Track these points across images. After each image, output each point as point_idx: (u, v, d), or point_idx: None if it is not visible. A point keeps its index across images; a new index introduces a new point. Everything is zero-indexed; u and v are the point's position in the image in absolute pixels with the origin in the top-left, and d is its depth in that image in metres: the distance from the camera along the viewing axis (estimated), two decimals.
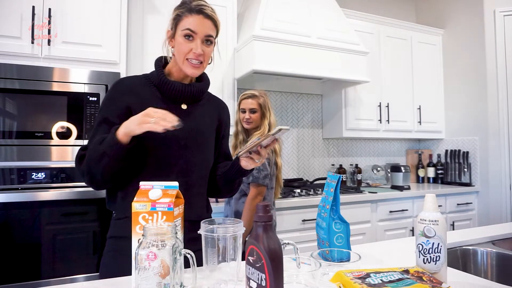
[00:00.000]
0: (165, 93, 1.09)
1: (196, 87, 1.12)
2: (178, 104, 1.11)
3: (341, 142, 3.37)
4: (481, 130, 3.13)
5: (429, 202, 0.80)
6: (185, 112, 1.11)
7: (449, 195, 3.00)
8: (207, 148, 1.16)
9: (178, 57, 1.06)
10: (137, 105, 1.04)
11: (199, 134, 1.13)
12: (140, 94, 1.07)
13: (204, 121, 1.16)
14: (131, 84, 1.09)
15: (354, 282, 0.69)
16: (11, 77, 1.74)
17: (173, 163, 1.06)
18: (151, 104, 1.02)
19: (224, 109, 1.26)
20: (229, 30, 2.52)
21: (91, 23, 1.98)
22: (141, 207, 0.72)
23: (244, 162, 1.03)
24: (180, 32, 1.04)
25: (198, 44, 1.04)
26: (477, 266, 1.21)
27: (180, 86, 1.09)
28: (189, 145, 1.09)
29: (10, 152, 1.73)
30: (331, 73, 2.57)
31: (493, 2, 3.05)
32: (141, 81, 1.11)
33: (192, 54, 1.04)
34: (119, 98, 1.06)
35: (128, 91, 1.07)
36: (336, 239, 0.95)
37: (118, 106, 1.04)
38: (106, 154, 0.93)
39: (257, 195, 1.81)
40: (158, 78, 1.09)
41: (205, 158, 1.15)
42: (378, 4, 3.61)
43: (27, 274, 1.70)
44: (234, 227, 0.75)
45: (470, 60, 3.22)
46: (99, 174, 0.97)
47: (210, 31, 1.06)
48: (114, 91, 1.08)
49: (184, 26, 1.04)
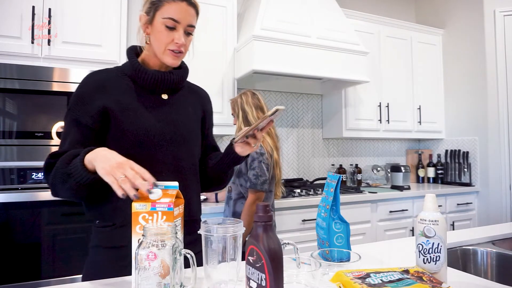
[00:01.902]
0: (142, 83, 1.00)
1: (176, 74, 1.04)
2: (157, 94, 1.02)
3: (341, 142, 3.37)
4: (481, 130, 3.13)
5: (429, 202, 0.80)
6: (167, 103, 1.03)
7: (449, 195, 3.00)
8: (195, 141, 1.08)
9: (158, 47, 0.98)
10: (114, 102, 0.95)
11: (185, 126, 1.04)
12: (114, 88, 0.98)
13: (188, 111, 1.07)
14: (102, 79, 0.99)
15: (354, 282, 0.69)
16: (11, 77, 1.74)
17: (161, 161, 0.98)
18: (128, 98, 0.96)
19: (206, 98, 1.18)
20: (229, 30, 2.52)
21: (91, 23, 1.98)
22: (141, 207, 0.72)
23: (240, 148, 0.98)
24: (161, 20, 0.95)
25: (181, 34, 0.96)
26: (477, 266, 1.21)
27: (158, 74, 1.00)
28: (176, 139, 1.01)
29: (10, 152, 1.73)
30: (331, 73, 2.57)
31: (493, 2, 3.05)
32: (113, 74, 1.01)
33: (173, 44, 0.97)
34: (90, 96, 0.95)
35: (99, 87, 0.97)
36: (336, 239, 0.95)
37: (90, 106, 0.94)
38: (71, 178, 0.83)
39: (255, 200, 1.81)
40: (133, 68, 0.99)
41: (194, 153, 1.07)
42: (378, 4, 3.61)
43: (27, 274, 1.70)
44: (234, 227, 0.75)
45: (470, 60, 3.22)
46: (64, 194, 0.89)
47: (193, 20, 0.99)
48: (84, 87, 0.97)
49: (166, 14, 0.94)
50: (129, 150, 0.92)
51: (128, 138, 0.94)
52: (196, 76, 2.37)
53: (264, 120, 0.87)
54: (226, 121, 2.42)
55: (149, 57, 1.03)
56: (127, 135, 0.94)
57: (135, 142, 0.94)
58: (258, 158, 1.82)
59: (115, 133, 0.95)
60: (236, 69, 2.52)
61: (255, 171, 1.81)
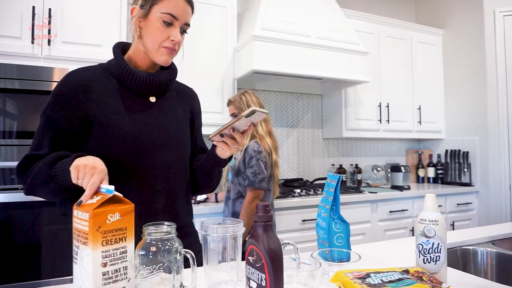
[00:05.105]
0: (129, 85, 0.94)
1: (165, 76, 0.98)
2: (144, 97, 0.97)
3: (341, 142, 3.37)
4: (481, 130, 3.13)
5: (429, 202, 0.80)
6: (155, 106, 0.98)
7: (449, 195, 3.00)
8: (185, 145, 1.04)
9: (152, 44, 0.93)
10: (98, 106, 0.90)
11: (174, 130, 1.00)
12: (98, 90, 0.91)
13: (177, 114, 1.03)
14: (85, 78, 0.92)
15: (354, 282, 0.69)
16: (11, 77, 1.74)
17: (150, 167, 0.93)
18: (114, 101, 0.92)
19: (194, 98, 1.14)
20: (229, 30, 2.52)
21: (91, 23, 1.98)
22: None
23: (219, 149, 0.95)
24: (159, 15, 0.90)
25: (178, 31, 0.93)
26: (477, 266, 1.21)
27: (146, 76, 0.94)
28: (165, 144, 0.97)
29: (10, 152, 1.73)
30: (331, 73, 2.57)
31: (493, 2, 3.05)
32: (97, 73, 0.94)
33: (169, 41, 0.92)
34: (71, 99, 0.89)
35: (82, 88, 0.90)
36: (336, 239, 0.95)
37: (70, 110, 0.88)
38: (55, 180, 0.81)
39: (254, 198, 1.81)
40: (120, 68, 0.93)
41: (184, 157, 1.04)
42: (378, 4, 3.61)
43: (27, 274, 1.70)
44: (234, 227, 0.75)
45: (470, 60, 3.22)
46: (45, 194, 0.86)
47: (189, 19, 0.96)
48: (64, 87, 0.90)
49: (165, 9, 0.90)
50: (116, 156, 0.89)
51: (115, 144, 0.89)
52: (196, 76, 2.40)
53: (242, 121, 0.82)
54: (226, 121, 2.42)
55: (137, 54, 0.97)
56: (114, 141, 0.89)
57: (123, 148, 0.90)
58: (256, 156, 1.82)
59: (100, 139, 0.90)
60: (236, 69, 2.52)
61: (253, 169, 1.80)
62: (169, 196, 0.97)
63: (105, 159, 0.80)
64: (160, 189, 0.95)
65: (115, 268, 0.66)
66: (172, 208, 0.98)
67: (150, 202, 0.94)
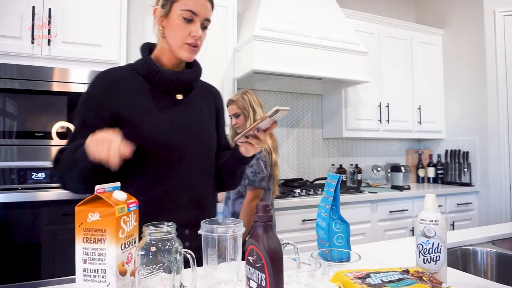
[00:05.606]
0: (157, 83, 0.97)
1: (190, 74, 1.03)
2: (171, 95, 1.00)
3: (341, 142, 3.37)
4: (481, 130, 3.13)
5: (429, 202, 0.80)
6: (182, 103, 1.01)
7: (449, 195, 3.00)
8: (211, 142, 1.07)
9: (175, 41, 0.96)
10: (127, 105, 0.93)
11: (201, 127, 1.03)
12: (127, 88, 0.95)
13: (203, 111, 1.06)
14: (115, 78, 0.96)
15: (354, 282, 0.69)
16: (11, 77, 1.74)
17: (178, 164, 0.96)
18: (143, 99, 0.95)
19: (217, 95, 1.17)
20: (229, 30, 2.52)
21: (91, 23, 1.98)
22: (121, 210, 0.69)
23: (243, 148, 0.96)
24: (179, 12, 0.93)
25: (198, 26, 0.96)
26: (477, 266, 1.20)
27: (173, 74, 0.98)
28: (193, 140, 1.00)
29: (10, 152, 1.73)
30: (331, 73, 2.57)
31: (493, 2, 3.05)
32: (127, 73, 0.98)
33: (191, 38, 0.95)
34: (101, 98, 0.93)
35: (111, 88, 0.94)
36: (336, 239, 0.95)
37: (101, 109, 0.93)
38: (77, 164, 0.83)
39: (254, 198, 1.81)
40: (148, 67, 0.97)
41: (211, 156, 1.06)
42: (378, 4, 3.61)
43: (27, 274, 1.70)
44: (234, 227, 0.75)
45: (470, 60, 3.22)
46: (72, 182, 0.89)
47: (209, 14, 0.98)
48: (95, 88, 0.95)
49: (184, 5, 0.93)
50: (145, 152, 0.91)
51: (144, 141, 0.92)
52: None
53: (265, 121, 0.84)
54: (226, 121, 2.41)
55: (163, 53, 1.00)
56: (143, 138, 0.92)
57: (151, 144, 0.93)
58: (255, 156, 1.81)
59: (130, 136, 0.89)
60: (236, 69, 2.52)
61: (253, 168, 1.80)
62: (197, 191, 0.99)
63: (134, 155, 0.82)
64: (187, 184, 0.98)
65: (93, 268, 0.67)
66: (199, 203, 1.00)
67: (177, 196, 0.96)
